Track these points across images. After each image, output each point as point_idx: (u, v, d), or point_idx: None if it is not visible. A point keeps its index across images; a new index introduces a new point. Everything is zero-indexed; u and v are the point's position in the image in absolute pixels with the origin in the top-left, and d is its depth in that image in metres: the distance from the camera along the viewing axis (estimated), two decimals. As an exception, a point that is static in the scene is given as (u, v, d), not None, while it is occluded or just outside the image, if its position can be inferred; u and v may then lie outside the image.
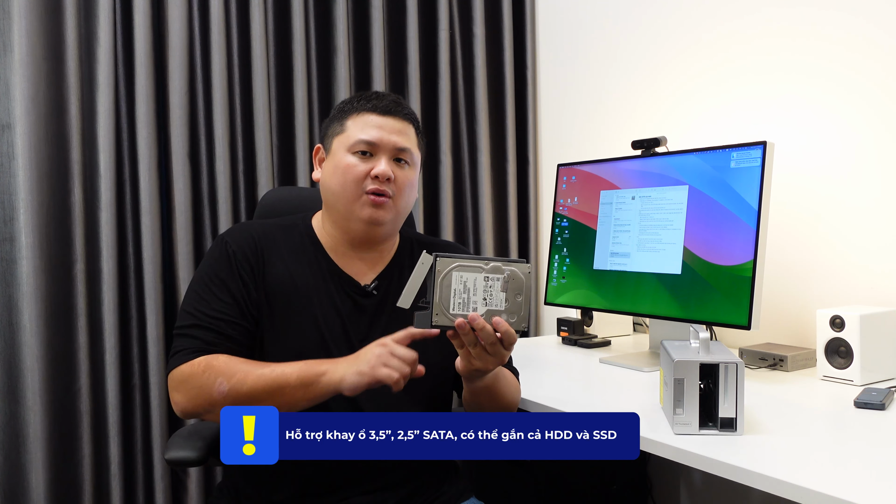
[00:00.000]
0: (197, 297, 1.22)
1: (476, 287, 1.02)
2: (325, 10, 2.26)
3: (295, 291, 1.25)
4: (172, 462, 1.32)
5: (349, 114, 1.28)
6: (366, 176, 1.24)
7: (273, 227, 1.31)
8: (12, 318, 1.84)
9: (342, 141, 1.27)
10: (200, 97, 2.09)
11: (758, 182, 1.51)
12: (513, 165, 2.52)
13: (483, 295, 1.03)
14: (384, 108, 1.26)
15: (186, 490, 2.06)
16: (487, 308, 1.03)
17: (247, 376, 1.11)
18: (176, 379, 1.16)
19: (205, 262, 1.27)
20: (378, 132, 1.25)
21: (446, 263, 1.02)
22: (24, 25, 1.82)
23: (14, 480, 1.83)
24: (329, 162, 1.29)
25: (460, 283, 1.02)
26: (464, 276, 1.02)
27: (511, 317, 1.04)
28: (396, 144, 1.26)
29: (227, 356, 1.15)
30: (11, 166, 1.83)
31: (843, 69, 1.70)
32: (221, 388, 1.10)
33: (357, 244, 1.30)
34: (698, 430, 1.16)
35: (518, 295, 1.04)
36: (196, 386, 1.13)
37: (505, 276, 1.03)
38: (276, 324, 1.23)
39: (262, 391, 1.10)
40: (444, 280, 1.01)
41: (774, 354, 1.63)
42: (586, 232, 1.90)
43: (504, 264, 1.04)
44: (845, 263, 1.70)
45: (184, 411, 1.16)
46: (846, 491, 0.91)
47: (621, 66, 2.26)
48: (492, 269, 1.03)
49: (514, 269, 1.04)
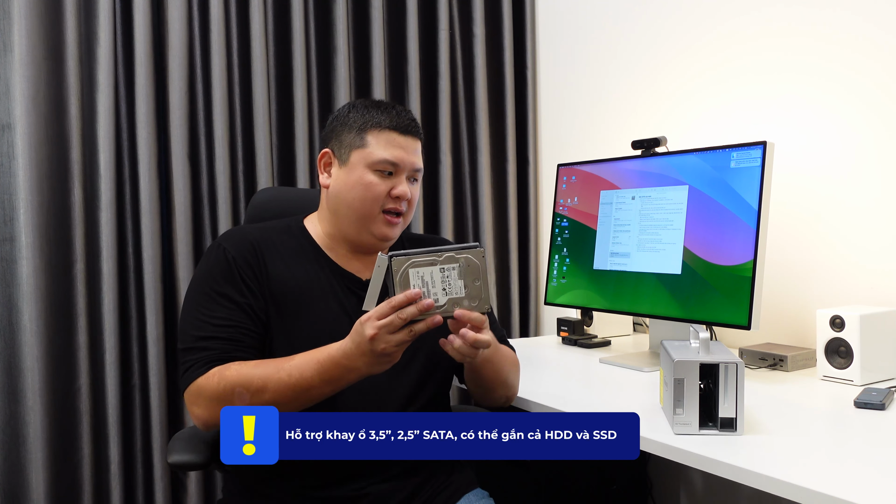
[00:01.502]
0: (199, 307, 1.21)
1: (434, 280, 1.04)
2: (325, 10, 2.26)
3: (299, 292, 1.25)
4: (175, 466, 1.31)
5: (369, 128, 1.28)
6: (386, 195, 1.27)
7: (269, 231, 1.31)
8: (12, 318, 1.84)
9: (363, 156, 1.27)
10: (200, 97, 2.09)
11: (758, 182, 1.51)
12: (513, 165, 2.52)
13: (442, 286, 1.05)
14: (405, 128, 1.29)
15: (186, 490, 2.06)
16: (448, 297, 1.05)
17: (266, 383, 1.11)
18: (192, 394, 1.16)
19: (202, 269, 1.26)
20: (401, 153, 1.27)
21: (401, 262, 1.03)
22: (24, 25, 1.82)
23: (14, 480, 1.83)
24: (346, 174, 1.28)
25: (418, 279, 1.03)
26: (420, 271, 1.04)
27: (473, 301, 1.06)
28: (415, 165, 1.30)
29: (238, 364, 1.15)
30: (11, 166, 1.83)
31: (843, 69, 1.70)
32: (243, 398, 1.11)
33: (357, 249, 1.32)
34: (698, 430, 1.16)
35: (476, 280, 1.05)
36: (214, 398, 1.13)
37: (460, 264, 1.05)
38: (284, 325, 1.23)
39: (286, 397, 1.11)
40: (401, 279, 1.03)
41: (774, 354, 1.63)
42: (586, 232, 1.90)
43: (457, 253, 1.05)
44: (845, 263, 1.70)
45: (206, 424, 1.17)
46: (846, 491, 0.91)
47: (621, 66, 2.26)
48: (446, 260, 1.05)
49: (467, 256, 1.05)
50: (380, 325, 1.03)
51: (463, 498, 1.30)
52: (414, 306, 1.03)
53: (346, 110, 1.33)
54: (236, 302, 1.20)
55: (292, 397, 1.12)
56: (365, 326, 1.05)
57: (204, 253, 1.30)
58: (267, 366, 1.14)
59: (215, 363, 1.16)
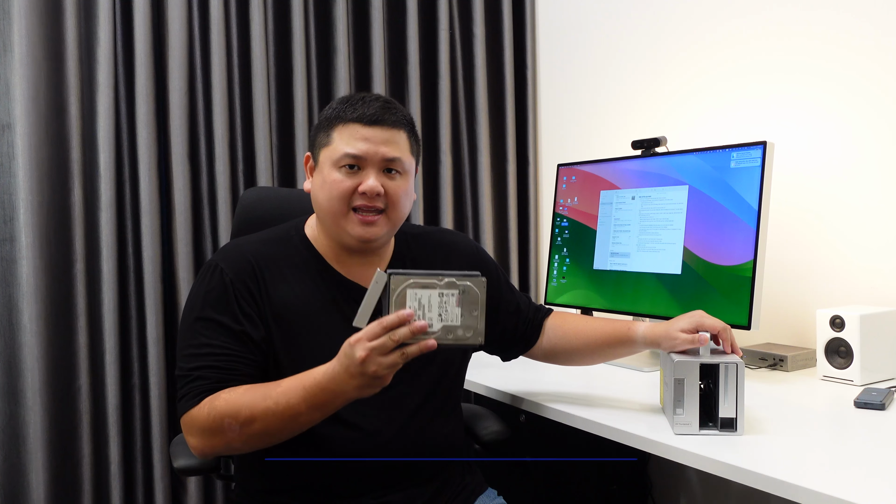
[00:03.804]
0: (194, 334, 1.16)
1: (431, 303, 0.99)
2: (325, 10, 2.26)
3: (302, 309, 1.21)
4: (181, 471, 1.30)
5: (335, 123, 1.21)
6: (353, 192, 1.19)
7: (269, 244, 1.26)
8: (12, 318, 1.84)
9: (328, 154, 1.21)
10: (200, 97, 2.09)
11: (758, 182, 1.51)
12: (513, 165, 2.52)
13: (438, 311, 1.00)
14: (371, 118, 1.19)
15: (186, 490, 2.06)
16: (443, 324, 1.00)
17: (253, 414, 1.07)
18: (186, 424, 1.13)
19: (199, 292, 1.20)
20: (364, 145, 1.18)
21: (400, 281, 0.99)
22: (24, 25, 1.82)
23: (14, 480, 1.83)
24: (317, 175, 1.23)
25: (415, 301, 0.99)
26: (418, 293, 0.99)
27: (467, 331, 1.01)
28: (385, 156, 1.20)
29: (228, 392, 1.11)
30: (11, 166, 1.83)
31: (843, 69, 1.70)
32: (233, 429, 1.08)
33: (353, 252, 1.26)
34: (698, 430, 1.16)
35: (474, 310, 1.01)
36: (206, 430, 1.10)
37: (460, 292, 1.00)
38: (289, 344, 1.19)
39: (275, 427, 1.08)
40: (398, 298, 0.98)
41: (774, 354, 1.63)
42: (586, 232, 1.90)
43: (459, 279, 1.00)
44: (845, 263, 1.70)
45: (202, 454, 1.14)
46: (846, 491, 0.92)
47: (621, 66, 2.26)
48: (446, 285, 1.00)
49: (468, 284, 1.00)
50: (371, 347, 0.97)
51: (478, 500, 1.30)
52: (407, 328, 0.97)
53: (325, 109, 1.27)
54: (231, 330, 1.15)
55: (281, 427, 1.08)
56: (355, 348, 0.98)
57: (201, 270, 1.25)
58: (255, 392, 1.09)
59: (205, 394, 1.11)
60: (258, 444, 1.12)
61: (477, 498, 1.30)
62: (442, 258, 1.35)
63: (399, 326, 0.97)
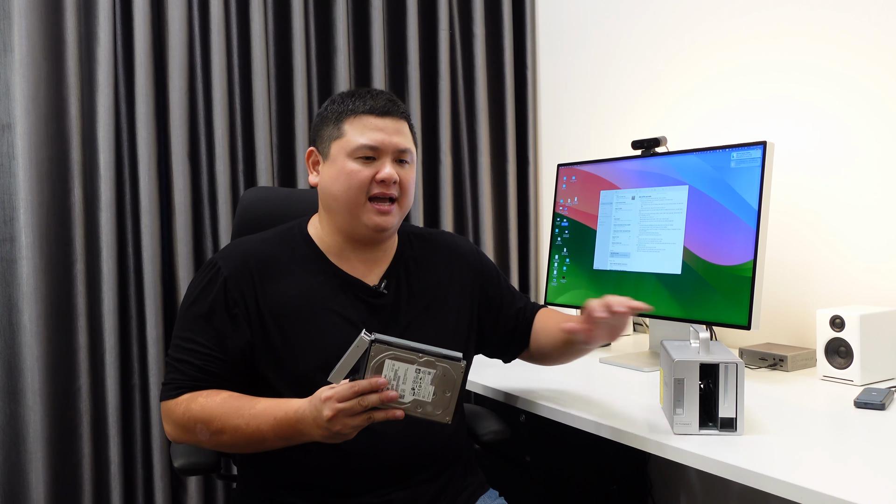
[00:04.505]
0: (184, 328, 1.21)
1: (406, 377, 1.01)
2: (325, 10, 2.26)
3: (301, 306, 1.22)
4: (182, 471, 1.32)
5: (345, 116, 1.25)
6: (370, 181, 1.22)
7: (270, 242, 1.28)
8: (12, 318, 1.84)
9: (342, 146, 1.23)
10: (200, 97, 2.09)
11: (758, 182, 1.51)
12: (513, 165, 2.52)
13: (412, 385, 1.01)
14: (382, 110, 1.24)
15: (186, 490, 2.06)
16: (414, 397, 1.01)
17: (224, 427, 1.12)
18: (164, 411, 1.20)
19: (196, 287, 1.23)
20: (380, 135, 1.23)
21: (380, 350, 1.00)
22: (24, 25, 1.82)
23: (14, 480, 1.83)
24: (329, 167, 1.26)
25: (391, 371, 1.00)
26: (396, 364, 1.00)
27: (437, 409, 1.02)
28: (398, 146, 1.24)
29: (206, 396, 1.16)
30: (11, 166, 1.83)
31: (843, 69, 1.70)
32: (203, 434, 1.14)
33: (360, 246, 1.28)
34: (698, 430, 1.16)
35: (447, 392, 1.02)
36: (179, 426, 1.17)
37: (437, 372, 1.01)
38: (288, 341, 1.21)
39: (241, 443, 1.14)
40: (375, 364, 1.00)
41: (774, 354, 1.63)
42: (586, 232, 1.90)
43: (438, 360, 1.01)
44: (845, 263, 1.70)
45: (174, 440, 1.21)
46: (846, 491, 0.92)
47: (621, 66, 2.26)
48: (425, 363, 1.01)
49: (446, 367, 1.01)
50: (339, 409, 1.00)
51: (479, 500, 1.30)
52: (377, 395, 0.99)
53: (327, 105, 1.30)
54: (218, 331, 1.19)
55: (247, 444, 1.13)
56: (324, 406, 1.01)
57: (202, 266, 1.28)
58: (231, 405, 1.14)
59: (183, 390, 1.17)
60: (227, 451, 1.24)
61: (478, 498, 1.30)
62: (443, 260, 1.37)
63: (370, 392, 1.00)
